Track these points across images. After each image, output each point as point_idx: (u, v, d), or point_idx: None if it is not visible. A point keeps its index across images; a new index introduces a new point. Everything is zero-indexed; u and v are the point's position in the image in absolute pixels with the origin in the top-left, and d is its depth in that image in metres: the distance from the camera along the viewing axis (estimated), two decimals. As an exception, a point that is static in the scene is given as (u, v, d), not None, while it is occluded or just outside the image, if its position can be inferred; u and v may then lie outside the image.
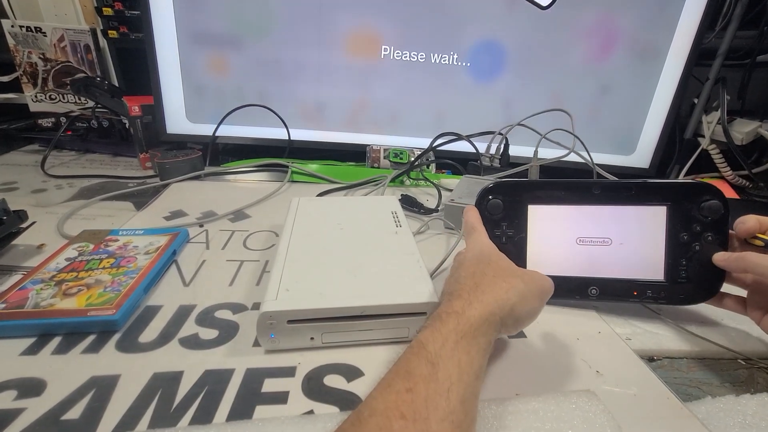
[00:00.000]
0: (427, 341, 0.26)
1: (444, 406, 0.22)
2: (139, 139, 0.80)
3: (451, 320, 0.27)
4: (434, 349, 0.25)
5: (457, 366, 0.25)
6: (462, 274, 0.33)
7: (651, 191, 0.41)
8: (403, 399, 0.22)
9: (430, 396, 0.22)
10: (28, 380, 0.31)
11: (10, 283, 0.41)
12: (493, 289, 0.30)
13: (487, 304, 0.29)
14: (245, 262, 0.49)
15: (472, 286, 0.31)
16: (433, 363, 0.24)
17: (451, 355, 0.25)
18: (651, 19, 0.78)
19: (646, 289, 0.41)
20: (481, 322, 0.28)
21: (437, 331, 0.27)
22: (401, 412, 0.21)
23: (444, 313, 0.28)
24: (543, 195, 0.42)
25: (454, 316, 0.28)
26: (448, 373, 0.24)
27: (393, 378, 0.24)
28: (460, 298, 0.29)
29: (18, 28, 0.86)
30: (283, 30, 0.78)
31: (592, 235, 0.42)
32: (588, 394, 0.32)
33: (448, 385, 0.23)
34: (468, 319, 0.28)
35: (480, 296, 0.29)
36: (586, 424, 0.29)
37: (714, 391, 0.34)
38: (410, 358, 0.25)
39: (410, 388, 0.23)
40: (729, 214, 0.38)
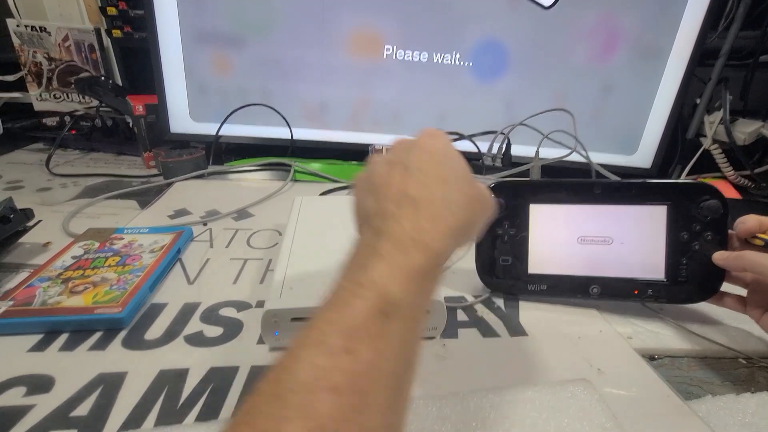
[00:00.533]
0: (384, 283, 0.19)
1: (389, 370, 0.17)
2: (142, 138, 0.80)
3: (419, 255, 0.20)
4: (392, 295, 0.19)
5: (414, 316, 0.19)
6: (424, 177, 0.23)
7: (651, 191, 0.41)
8: (338, 365, 0.16)
9: (374, 359, 0.17)
10: (37, 377, 0.32)
11: (18, 280, 0.42)
12: (461, 211, 0.23)
13: (455, 233, 0.22)
14: (249, 260, 0.50)
15: (441, 203, 0.22)
16: (386, 314, 0.18)
17: (412, 302, 0.19)
18: (653, 19, 0.78)
19: (646, 288, 0.41)
20: (448, 255, 0.22)
21: (398, 269, 0.19)
22: (333, 383, 0.16)
23: (410, 241, 0.20)
24: (544, 194, 0.43)
25: (423, 248, 0.20)
26: (403, 327, 0.19)
27: (329, 332, 0.17)
28: (429, 221, 0.21)
29: (23, 28, 0.86)
30: (286, 29, 0.78)
31: (593, 234, 0.42)
32: (583, 383, 0.32)
33: (400, 342, 0.18)
34: (437, 254, 0.21)
35: (450, 221, 0.22)
36: (581, 413, 0.30)
37: (715, 389, 0.34)
38: (356, 305, 0.18)
39: (351, 348, 0.17)
40: (728, 214, 0.39)
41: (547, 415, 0.29)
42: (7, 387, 0.31)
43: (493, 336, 0.39)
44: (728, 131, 0.78)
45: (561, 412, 0.30)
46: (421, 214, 0.22)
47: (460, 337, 0.39)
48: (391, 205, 0.22)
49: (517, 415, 0.29)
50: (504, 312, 0.42)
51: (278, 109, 0.82)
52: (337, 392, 0.16)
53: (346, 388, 0.16)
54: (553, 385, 0.32)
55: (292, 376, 0.16)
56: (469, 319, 0.41)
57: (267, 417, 0.15)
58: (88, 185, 0.71)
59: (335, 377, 0.16)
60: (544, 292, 0.43)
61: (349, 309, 0.18)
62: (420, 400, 0.30)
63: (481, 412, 0.29)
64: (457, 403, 0.30)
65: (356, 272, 0.20)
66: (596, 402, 0.30)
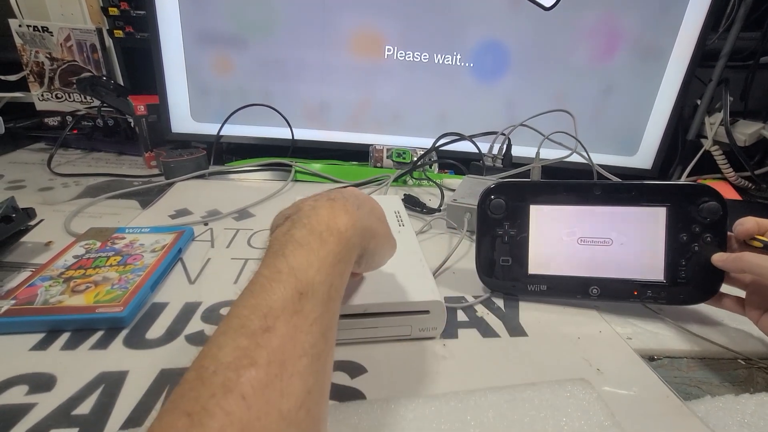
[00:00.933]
0: (300, 266, 0.21)
1: (305, 340, 0.19)
2: (144, 138, 0.80)
3: (332, 240, 0.23)
4: (307, 276, 0.21)
5: (328, 293, 0.21)
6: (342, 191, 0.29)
7: (651, 192, 0.41)
8: (257, 342, 0.18)
9: (290, 332, 0.19)
10: (39, 375, 0.32)
11: (20, 279, 0.42)
12: (370, 220, 0.28)
13: (364, 232, 0.26)
14: (250, 260, 0.50)
15: (354, 203, 0.27)
16: (302, 293, 0.20)
17: (324, 281, 0.21)
18: (654, 20, 0.78)
19: (646, 289, 0.41)
20: (357, 246, 0.25)
21: (314, 254, 0.22)
22: (252, 358, 0.17)
23: (326, 228, 0.24)
24: (545, 195, 0.43)
25: (337, 234, 0.24)
26: (317, 302, 0.21)
27: (248, 316, 0.19)
28: (344, 212, 0.25)
29: (25, 28, 0.86)
30: (287, 30, 0.79)
31: (593, 235, 0.42)
32: (582, 382, 0.33)
33: (314, 316, 0.20)
34: (348, 240, 0.24)
35: (361, 219, 0.26)
36: (580, 412, 0.30)
37: (713, 390, 0.35)
38: (275, 289, 0.20)
39: (269, 326, 0.18)
40: (727, 216, 0.39)
41: (546, 414, 0.30)
42: (8, 386, 0.31)
43: (493, 336, 0.39)
44: (729, 132, 0.78)
45: (559, 411, 0.30)
46: (337, 206, 0.25)
47: (460, 337, 0.39)
48: (310, 203, 0.26)
49: (516, 414, 0.29)
50: (504, 312, 0.43)
51: (279, 110, 0.83)
52: (256, 366, 0.17)
53: (265, 361, 0.17)
54: (552, 384, 0.32)
55: (214, 360, 0.17)
56: (469, 320, 0.41)
57: (191, 400, 0.16)
58: (90, 185, 0.71)
59: (254, 353, 0.17)
60: (544, 292, 0.43)
61: (268, 294, 0.20)
62: (420, 399, 0.30)
63: (480, 411, 0.29)
64: (456, 402, 0.30)
65: (275, 259, 0.22)
66: (595, 401, 0.31)
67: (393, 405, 0.30)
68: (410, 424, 0.28)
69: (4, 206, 0.47)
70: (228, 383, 0.16)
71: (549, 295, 0.43)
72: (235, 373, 0.17)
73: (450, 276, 0.48)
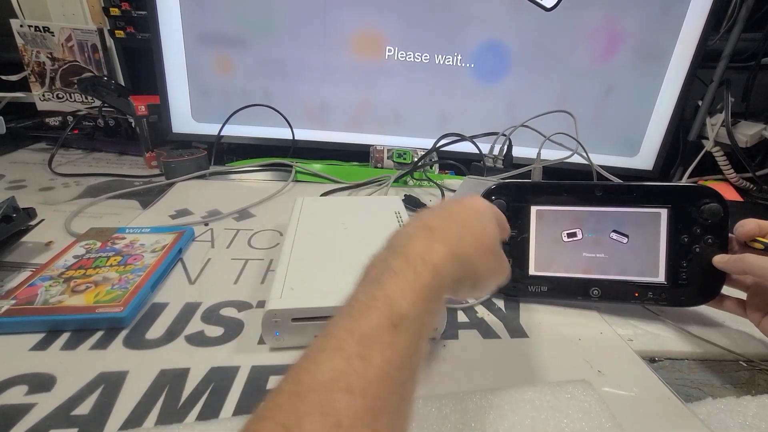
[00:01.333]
0: (395, 297, 0.21)
1: (396, 377, 0.19)
2: (145, 138, 0.80)
3: (427, 274, 0.23)
4: (401, 308, 0.21)
5: (419, 330, 0.21)
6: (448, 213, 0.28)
7: (651, 194, 0.41)
8: (354, 368, 0.18)
9: (383, 366, 0.19)
10: (39, 375, 0.32)
11: (20, 279, 0.42)
12: (474, 251, 0.26)
13: (464, 264, 0.25)
14: (250, 260, 0.50)
15: (455, 233, 0.26)
16: (395, 326, 0.20)
17: (417, 317, 0.21)
18: (655, 20, 0.78)
19: (647, 291, 0.41)
20: (454, 281, 0.24)
21: (408, 286, 0.22)
22: (348, 384, 0.17)
23: (420, 260, 0.23)
24: (546, 196, 0.43)
25: (432, 268, 0.23)
26: (409, 339, 0.20)
27: (345, 339, 0.19)
28: (441, 243, 0.24)
29: (27, 28, 0.87)
30: (288, 30, 0.79)
31: (594, 236, 0.42)
32: (583, 383, 0.32)
33: (406, 353, 0.20)
34: (444, 276, 0.23)
35: (461, 251, 0.25)
36: (581, 413, 0.30)
37: (715, 392, 0.34)
38: (371, 315, 0.20)
39: (364, 355, 0.18)
40: (729, 217, 0.39)
41: (547, 415, 0.29)
42: (8, 386, 0.31)
43: (494, 337, 0.39)
44: (730, 133, 0.78)
45: (560, 413, 0.30)
46: (435, 237, 0.25)
47: (461, 338, 0.39)
48: (411, 229, 0.26)
49: (517, 416, 0.29)
50: (504, 313, 0.42)
51: (280, 110, 0.83)
52: (351, 393, 0.17)
53: (360, 391, 0.17)
54: (553, 385, 0.32)
55: (311, 376, 0.18)
56: (469, 321, 0.41)
57: (288, 412, 0.16)
58: (91, 185, 0.71)
59: (350, 379, 0.17)
60: (545, 293, 0.43)
61: (363, 319, 0.20)
62: (420, 400, 0.30)
63: (480, 412, 0.29)
64: (456, 403, 0.30)
65: (371, 286, 0.22)
66: (596, 402, 0.30)
67: None
68: (411, 425, 0.28)
69: (4, 206, 0.47)
70: (325, 406, 0.17)
71: (550, 296, 0.43)
72: (332, 396, 0.17)
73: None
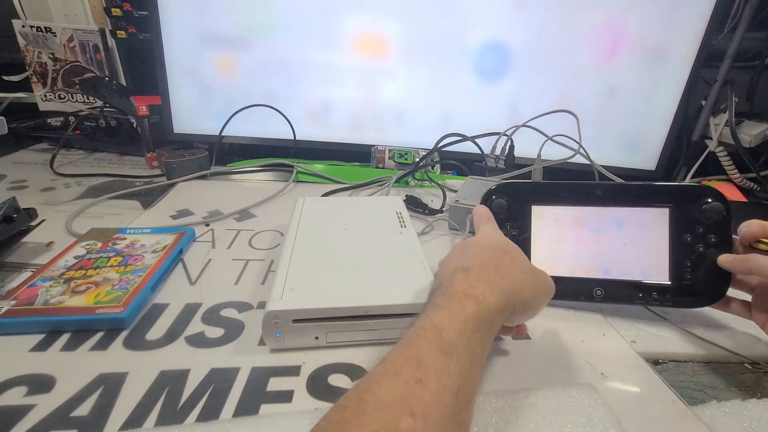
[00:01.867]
0: (443, 326, 0.23)
1: (452, 405, 0.20)
2: (146, 139, 0.80)
3: (471, 305, 0.25)
4: (450, 337, 0.22)
5: (470, 359, 0.22)
6: (477, 255, 0.30)
7: (653, 193, 0.41)
8: (413, 392, 0.19)
9: (440, 392, 0.20)
10: (38, 376, 0.32)
11: (20, 280, 0.42)
12: (512, 279, 0.29)
13: (507, 294, 0.27)
14: (251, 261, 0.49)
15: (491, 270, 0.28)
16: (447, 354, 0.22)
17: (467, 346, 0.23)
18: (658, 20, 0.77)
19: (651, 291, 0.40)
20: (499, 311, 0.26)
21: (454, 316, 0.24)
22: (410, 407, 0.19)
23: (463, 295, 0.25)
24: (546, 196, 0.43)
25: (474, 301, 0.25)
26: (461, 366, 0.22)
27: (401, 364, 0.21)
28: (480, 281, 0.27)
29: (29, 29, 0.87)
30: (290, 31, 0.78)
31: (596, 236, 0.42)
32: (587, 387, 0.32)
33: (460, 381, 0.21)
34: (488, 307, 0.25)
35: (500, 283, 0.27)
36: (585, 418, 0.29)
37: (720, 395, 0.34)
38: (421, 344, 0.22)
39: (420, 379, 0.20)
40: (731, 216, 0.38)
41: (550, 419, 0.29)
42: (8, 386, 0.31)
43: (496, 339, 0.39)
44: (734, 133, 0.78)
45: (564, 417, 0.29)
46: (472, 276, 0.27)
47: (462, 339, 0.38)
48: (447, 276, 0.28)
49: (520, 419, 0.29)
50: (506, 315, 0.42)
51: (281, 110, 0.82)
52: (413, 416, 0.18)
53: (420, 414, 0.19)
54: (557, 389, 0.32)
55: (374, 396, 0.19)
56: (471, 322, 0.41)
57: (356, 427, 0.18)
58: (92, 185, 0.71)
59: (411, 403, 0.19)
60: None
61: (415, 347, 0.22)
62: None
63: (483, 415, 0.29)
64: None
65: (418, 320, 0.24)
66: (600, 406, 0.30)
67: None
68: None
69: (5, 207, 0.47)
70: (389, 425, 0.18)
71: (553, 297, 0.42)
72: (396, 417, 0.18)
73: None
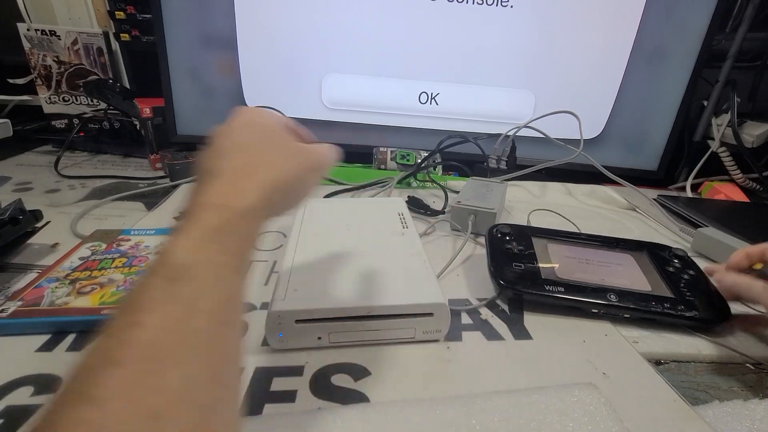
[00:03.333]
0: (171, 251, 0.19)
1: (183, 328, 0.17)
2: (149, 141, 0.81)
3: (208, 215, 0.21)
4: (179, 258, 0.19)
5: (216, 270, 0.19)
6: (229, 142, 0.25)
7: (626, 245, 0.49)
8: (123, 339, 0.16)
9: (165, 322, 0.17)
10: (44, 377, 0.32)
11: (26, 281, 0.42)
12: (271, 166, 0.24)
13: (262, 188, 0.23)
14: (253, 262, 0.50)
15: (241, 162, 0.24)
16: (175, 279, 0.18)
17: (207, 260, 0.19)
18: (660, 20, 0.78)
19: (662, 302, 0.41)
20: (252, 210, 0.22)
21: (186, 234, 0.20)
22: (115, 358, 0.16)
23: (198, 205, 0.21)
24: (541, 235, 0.50)
25: (213, 209, 0.21)
26: (198, 284, 0.18)
27: (119, 313, 0.17)
28: (223, 179, 0.22)
29: (33, 32, 0.87)
30: (291, 33, 0.79)
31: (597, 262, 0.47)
32: (589, 386, 0.32)
33: (193, 301, 0.18)
34: (233, 211, 0.21)
35: (253, 176, 0.23)
36: (587, 417, 0.29)
37: (722, 395, 0.34)
38: (148, 281, 0.18)
39: (136, 321, 0.17)
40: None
41: (552, 419, 0.29)
42: (14, 386, 0.31)
43: (498, 339, 0.39)
44: (736, 134, 0.78)
45: (566, 416, 0.29)
46: (217, 182, 0.22)
47: (464, 340, 0.38)
48: (193, 185, 0.24)
49: (522, 419, 0.29)
50: (508, 315, 0.42)
51: (283, 112, 0.83)
52: (119, 365, 0.15)
53: (130, 359, 0.16)
54: (559, 388, 0.32)
55: (78, 364, 0.16)
56: (473, 323, 0.41)
57: (51, 413, 0.15)
58: (96, 187, 0.71)
59: (117, 352, 0.16)
60: (562, 293, 0.41)
61: (139, 288, 0.18)
62: (424, 403, 0.30)
63: (485, 415, 0.29)
64: (461, 406, 0.30)
65: (158, 257, 0.20)
66: (602, 406, 0.30)
67: (397, 409, 0.30)
68: (415, 428, 0.28)
69: (11, 208, 0.48)
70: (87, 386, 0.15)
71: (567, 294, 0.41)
72: (95, 374, 0.15)
73: (454, 278, 0.48)
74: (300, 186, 0.26)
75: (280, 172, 0.24)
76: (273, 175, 0.24)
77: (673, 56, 0.79)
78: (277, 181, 0.24)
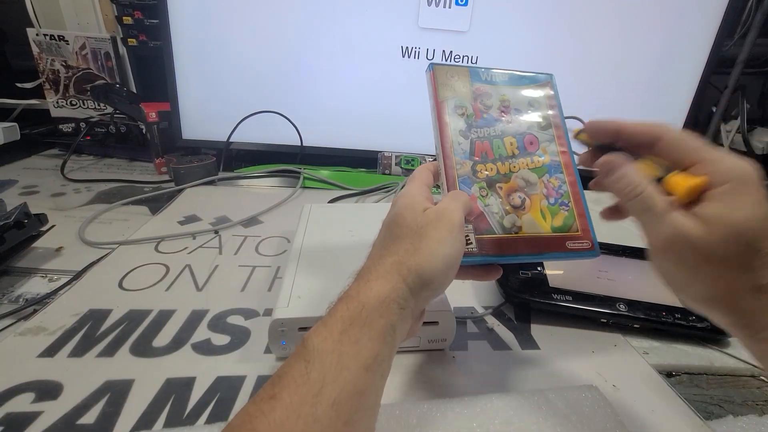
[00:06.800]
0: (309, 336, 0.22)
1: (308, 413, 0.19)
2: (155, 145, 0.81)
3: (341, 307, 0.23)
4: (314, 344, 0.21)
5: (337, 361, 0.21)
6: (373, 244, 0.28)
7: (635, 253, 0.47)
8: (262, 409, 0.19)
9: (295, 403, 0.19)
10: (46, 383, 0.32)
11: (30, 284, 0.42)
12: (394, 255, 0.25)
13: (386, 278, 0.24)
14: (257, 267, 0.49)
15: (376, 258, 0.25)
16: (308, 361, 0.20)
17: (333, 349, 0.21)
18: (668, 26, 0.77)
19: (673, 312, 0.40)
20: (378, 302, 0.23)
21: (323, 323, 0.22)
22: (253, 426, 0.18)
23: (337, 300, 0.24)
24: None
25: (345, 301, 0.23)
26: (323, 372, 0.20)
27: (264, 386, 0.20)
28: (359, 278, 0.25)
29: (42, 37, 0.88)
30: (298, 37, 0.79)
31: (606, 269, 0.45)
32: (590, 388, 0.32)
33: (319, 386, 0.20)
34: (360, 302, 0.23)
35: (379, 268, 0.24)
36: (587, 419, 0.29)
37: (736, 409, 0.33)
38: (290, 361, 0.21)
39: (274, 394, 0.19)
40: None
41: (553, 421, 0.29)
42: (16, 393, 0.31)
43: (504, 349, 0.38)
44: (746, 140, 0.77)
45: (567, 418, 0.29)
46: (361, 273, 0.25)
47: (470, 349, 0.38)
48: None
49: (523, 421, 0.29)
50: (515, 324, 0.42)
51: (288, 117, 0.83)
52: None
53: (265, 430, 0.18)
54: (560, 390, 0.31)
55: (227, 425, 0.19)
56: (479, 332, 0.40)
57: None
58: (101, 191, 0.72)
59: (256, 421, 0.19)
60: (570, 302, 0.41)
61: (283, 364, 0.21)
62: (424, 404, 0.30)
63: (485, 417, 0.29)
64: (461, 408, 0.30)
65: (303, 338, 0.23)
66: (603, 408, 0.30)
67: (397, 410, 0.29)
68: (414, 429, 0.28)
69: (16, 212, 0.48)
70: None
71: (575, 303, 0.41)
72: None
73: (459, 285, 0.47)
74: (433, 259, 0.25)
75: (406, 255, 0.25)
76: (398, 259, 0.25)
77: (682, 62, 0.79)
78: (402, 266, 0.24)
